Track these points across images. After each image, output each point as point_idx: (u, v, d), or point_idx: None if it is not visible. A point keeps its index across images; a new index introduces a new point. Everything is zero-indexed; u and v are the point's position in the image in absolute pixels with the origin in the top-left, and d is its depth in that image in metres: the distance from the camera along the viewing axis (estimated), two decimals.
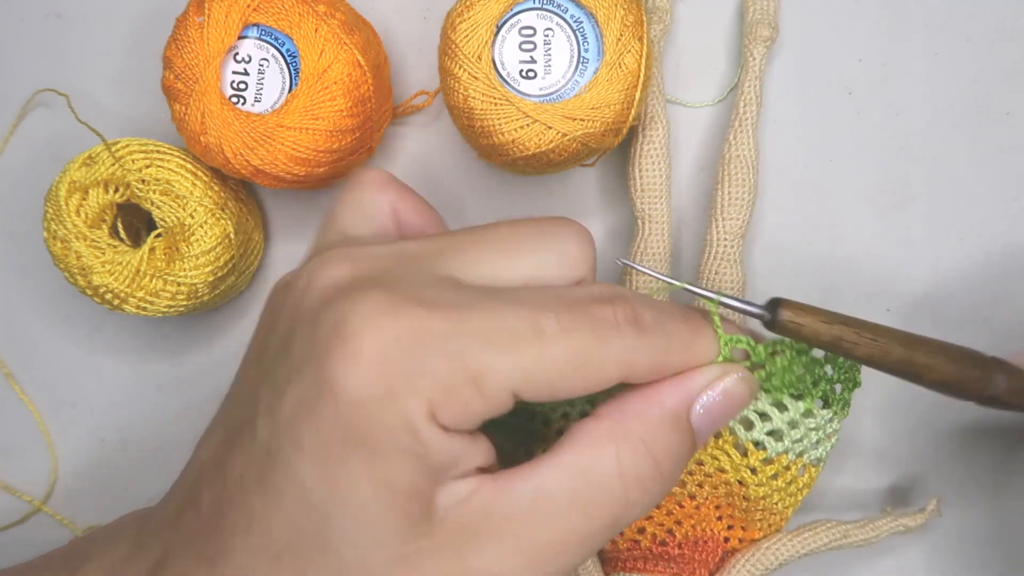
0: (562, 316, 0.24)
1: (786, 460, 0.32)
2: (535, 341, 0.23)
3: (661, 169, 0.37)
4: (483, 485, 0.24)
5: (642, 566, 0.33)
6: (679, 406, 0.26)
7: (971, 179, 0.40)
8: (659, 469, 0.25)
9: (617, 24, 0.33)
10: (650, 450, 0.25)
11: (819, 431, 0.32)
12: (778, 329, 0.28)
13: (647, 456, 0.25)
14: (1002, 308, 0.40)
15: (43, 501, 0.41)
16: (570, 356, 0.24)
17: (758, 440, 0.31)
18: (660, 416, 0.26)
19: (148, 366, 0.41)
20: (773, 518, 0.34)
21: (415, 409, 0.22)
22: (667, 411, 0.26)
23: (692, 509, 0.33)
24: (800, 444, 0.32)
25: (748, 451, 0.32)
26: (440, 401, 0.23)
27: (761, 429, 0.31)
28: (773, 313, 0.28)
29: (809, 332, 0.28)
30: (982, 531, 0.40)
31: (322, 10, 0.34)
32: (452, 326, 0.23)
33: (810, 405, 0.31)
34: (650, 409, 0.26)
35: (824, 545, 0.34)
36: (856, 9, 0.40)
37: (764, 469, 0.32)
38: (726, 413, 0.27)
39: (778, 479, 0.32)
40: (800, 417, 0.31)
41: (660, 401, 0.26)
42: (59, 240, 0.35)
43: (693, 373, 0.26)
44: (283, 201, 0.41)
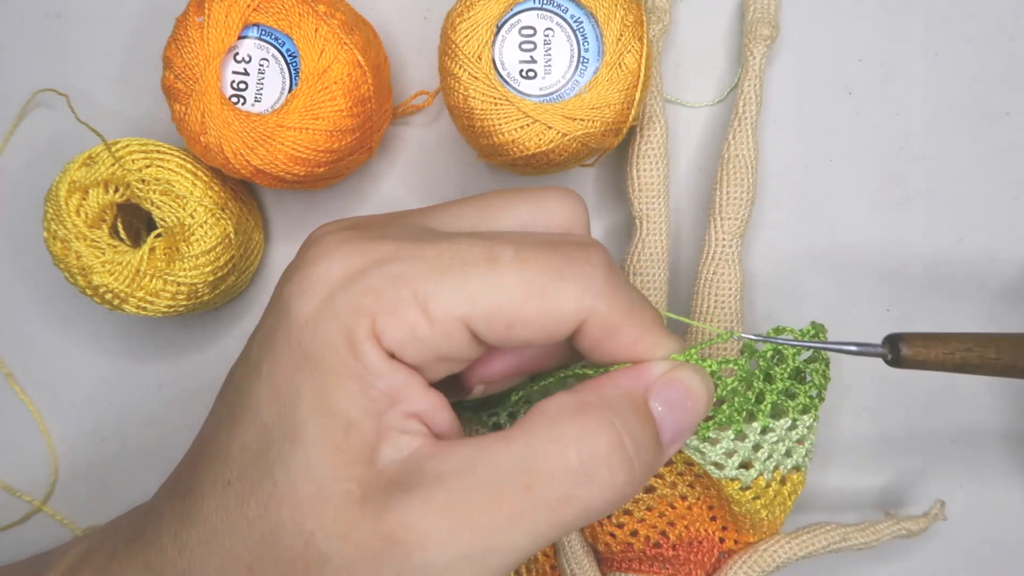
0: (521, 247, 0.23)
1: (763, 481, 0.31)
2: (487, 266, 0.23)
3: (659, 169, 0.37)
4: (425, 442, 0.23)
5: (638, 567, 0.33)
6: (635, 389, 0.24)
7: (971, 179, 0.40)
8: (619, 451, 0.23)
9: (617, 24, 0.33)
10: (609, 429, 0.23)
11: (784, 442, 0.31)
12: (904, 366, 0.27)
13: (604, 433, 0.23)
14: (1002, 308, 0.40)
15: (43, 501, 0.41)
16: (524, 284, 0.23)
17: (732, 476, 0.30)
18: (617, 395, 0.24)
19: (148, 366, 0.41)
20: (765, 524, 0.33)
21: (357, 325, 0.22)
22: (624, 391, 0.24)
23: (684, 510, 0.33)
24: (771, 460, 0.31)
25: (724, 485, 0.31)
26: (384, 321, 0.22)
27: (732, 465, 0.30)
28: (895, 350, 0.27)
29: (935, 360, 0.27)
30: (982, 531, 0.40)
31: (322, 10, 0.34)
32: (403, 252, 0.23)
33: (764, 421, 0.30)
34: (606, 388, 0.24)
35: (823, 548, 0.34)
36: (856, 9, 0.40)
37: (744, 495, 0.31)
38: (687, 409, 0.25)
39: (760, 499, 0.32)
40: (759, 437, 0.30)
41: (616, 383, 0.24)
42: (59, 240, 0.35)
43: (647, 364, 0.25)
44: (283, 201, 0.41)
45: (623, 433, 0.23)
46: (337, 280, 0.23)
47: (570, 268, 0.23)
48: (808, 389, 0.30)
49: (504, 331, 0.23)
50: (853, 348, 0.27)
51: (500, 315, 0.23)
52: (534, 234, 0.25)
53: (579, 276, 0.23)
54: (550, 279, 0.23)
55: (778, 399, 0.30)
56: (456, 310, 0.23)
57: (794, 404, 0.30)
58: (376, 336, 0.22)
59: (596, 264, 0.24)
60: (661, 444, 0.25)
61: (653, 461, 0.24)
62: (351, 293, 0.23)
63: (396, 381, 0.23)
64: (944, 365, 0.27)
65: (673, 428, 0.25)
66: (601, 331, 0.24)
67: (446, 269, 0.23)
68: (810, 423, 0.31)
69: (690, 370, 0.25)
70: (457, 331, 0.23)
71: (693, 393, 0.25)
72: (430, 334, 0.23)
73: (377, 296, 0.23)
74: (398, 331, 0.23)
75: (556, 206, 0.26)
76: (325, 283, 0.23)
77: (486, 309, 0.23)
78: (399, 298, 0.22)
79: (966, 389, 0.40)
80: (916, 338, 0.27)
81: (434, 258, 0.23)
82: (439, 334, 0.23)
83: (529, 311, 0.23)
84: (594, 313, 0.23)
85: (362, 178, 0.41)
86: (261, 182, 0.35)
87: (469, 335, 0.23)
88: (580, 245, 0.24)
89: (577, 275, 0.23)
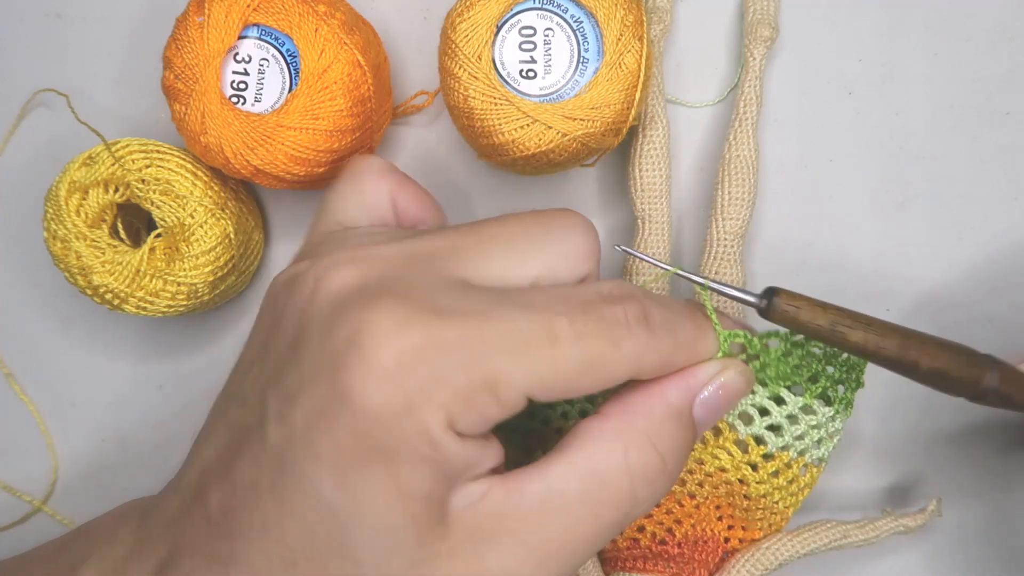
0: (575, 319, 0.24)
1: (787, 458, 0.32)
2: (549, 346, 0.24)
3: (661, 169, 0.37)
4: (494, 486, 0.24)
5: (642, 565, 0.33)
6: (682, 402, 0.27)
7: (971, 179, 0.40)
8: (664, 465, 0.26)
9: (617, 24, 0.33)
10: (656, 447, 0.26)
11: (820, 429, 0.32)
12: (773, 316, 0.28)
13: (654, 453, 0.25)
14: (1002, 308, 0.40)
15: (43, 501, 0.41)
16: (584, 359, 0.24)
17: (758, 435, 0.31)
18: (665, 413, 0.26)
19: (148, 366, 0.41)
20: (774, 518, 0.34)
21: (434, 420, 0.23)
22: (672, 407, 0.26)
23: (692, 508, 0.33)
24: (801, 442, 0.32)
25: (749, 447, 0.32)
26: (458, 411, 0.23)
27: (760, 424, 0.31)
28: (769, 301, 0.28)
29: (805, 318, 0.28)
30: (982, 531, 0.40)
31: (322, 10, 0.34)
32: (467, 334, 0.23)
33: (809, 401, 0.31)
34: (655, 407, 0.26)
35: (824, 545, 0.34)
36: (856, 9, 0.40)
37: (765, 466, 0.32)
38: (724, 406, 0.28)
39: (779, 477, 0.32)
40: (799, 412, 0.31)
41: (664, 398, 0.26)
42: (59, 240, 0.35)
43: (695, 369, 0.27)
44: (283, 201, 0.41)
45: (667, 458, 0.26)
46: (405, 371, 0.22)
47: (619, 334, 0.25)
48: (853, 386, 0.31)
49: (560, 395, 0.24)
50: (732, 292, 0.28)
51: (560, 386, 0.24)
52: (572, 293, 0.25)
53: (627, 341, 0.25)
54: (604, 351, 0.24)
55: (829, 385, 0.31)
56: (523, 389, 0.23)
57: (840, 397, 0.31)
58: (450, 425, 0.23)
59: (634, 321, 0.25)
60: (696, 440, 0.28)
61: (687, 456, 0.27)
62: (424, 388, 0.22)
63: (469, 455, 0.24)
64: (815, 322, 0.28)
65: (709, 422, 0.28)
66: (655, 373, 0.26)
67: (510, 351, 0.23)
68: (840, 424, 0.32)
69: (733, 372, 0.28)
70: (520, 403, 0.24)
71: (733, 392, 0.28)
72: (498, 413, 0.24)
73: (451, 389, 0.23)
74: (472, 419, 0.23)
75: (579, 243, 0.27)
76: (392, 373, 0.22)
77: (549, 383, 0.24)
78: (472, 388, 0.23)
79: None
80: (791, 293, 0.28)
81: (498, 340, 0.23)
82: (506, 410, 0.24)
83: (586, 382, 0.24)
84: (643, 366, 0.25)
85: None
86: (261, 182, 0.35)
87: (527, 401, 0.24)
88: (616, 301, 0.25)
89: (626, 341, 0.25)
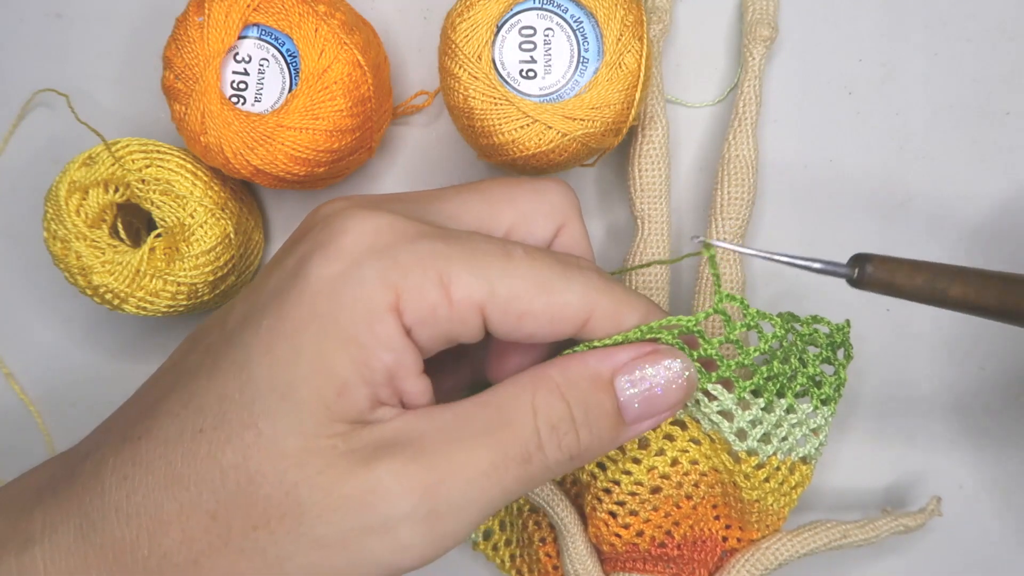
0: (530, 250, 0.25)
1: (776, 461, 0.32)
2: (503, 258, 0.25)
3: (661, 169, 0.37)
4: (407, 412, 0.25)
5: (641, 566, 0.33)
6: (601, 367, 0.27)
7: (971, 179, 0.40)
8: (570, 413, 0.26)
9: (617, 24, 0.33)
10: (564, 395, 0.26)
11: (801, 426, 0.32)
12: (867, 285, 0.27)
13: (561, 399, 0.26)
14: None
15: None
16: (535, 277, 0.25)
17: (751, 448, 0.31)
18: (581, 371, 0.26)
19: (148, 366, 0.40)
20: (770, 518, 0.34)
21: (380, 295, 0.23)
22: (589, 369, 0.27)
23: (689, 509, 0.33)
24: (786, 442, 0.32)
25: (741, 459, 0.31)
26: (407, 295, 0.23)
27: (754, 436, 0.31)
28: (861, 269, 0.27)
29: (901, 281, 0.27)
30: (982, 531, 0.40)
31: (322, 10, 0.34)
32: (429, 237, 0.24)
33: (791, 400, 0.31)
34: (572, 364, 0.27)
35: (824, 545, 0.34)
36: (856, 9, 0.40)
37: (757, 475, 0.32)
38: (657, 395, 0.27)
39: (770, 481, 0.32)
40: (783, 414, 0.31)
41: (583, 360, 0.27)
42: (59, 240, 0.35)
43: (623, 345, 0.27)
44: (283, 201, 0.41)
45: (574, 407, 0.26)
46: (365, 251, 0.24)
47: (571, 270, 0.26)
48: (833, 381, 0.31)
49: (515, 321, 0.25)
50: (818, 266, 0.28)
51: (513, 305, 0.25)
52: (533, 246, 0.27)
53: (580, 277, 0.26)
54: (557, 276, 0.25)
55: (807, 382, 0.31)
56: (475, 295, 0.24)
57: (818, 392, 0.31)
58: (399, 310, 0.23)
59: (590, 268, 0.26)
60: (623, 420, 0.27)
61: (609, 435, 0.27)
62: (379, 265, 0.23)
63: (400, 359, 0.24)
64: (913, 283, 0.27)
65: (641, 408, 0.27)
66: (606, 322, 0.26)
67: (468, 256, 0.24)
68: (828, 416, 0.32)
69: (666, 355, 0.27)
70: (472, 316, 0.24)
71: (665, 377, 0.27)
72: (448, 316, 0.24)
73: (404, 272, 0.24)
74: (420, 308, 0.24)
75: (553, 197, 0.28)
76: (351, 252, 0.24)
77: (503, 297, 0.24)
78: (425, 277, 0.24)
79: (967, 389, 0.40)
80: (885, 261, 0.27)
81: (456, 247, 0.24)
82: (455, 317, 0.24)
83: (539, 304, 0.25)
84: (598, 306, 0.26)
85: (362, 178, 0.41)
86: (261, 182, 0.35)
87: (480, 322, 0.25)
88: (573, 256, 0.27)
89: (578, 276, 0.26)
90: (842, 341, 0.31)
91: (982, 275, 0.28)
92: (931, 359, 0.40)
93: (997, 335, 0.40)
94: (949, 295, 0.28)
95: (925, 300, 0.28)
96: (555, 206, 0.28)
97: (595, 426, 0.26)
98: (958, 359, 0.40)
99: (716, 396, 0.30)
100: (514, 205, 0.28)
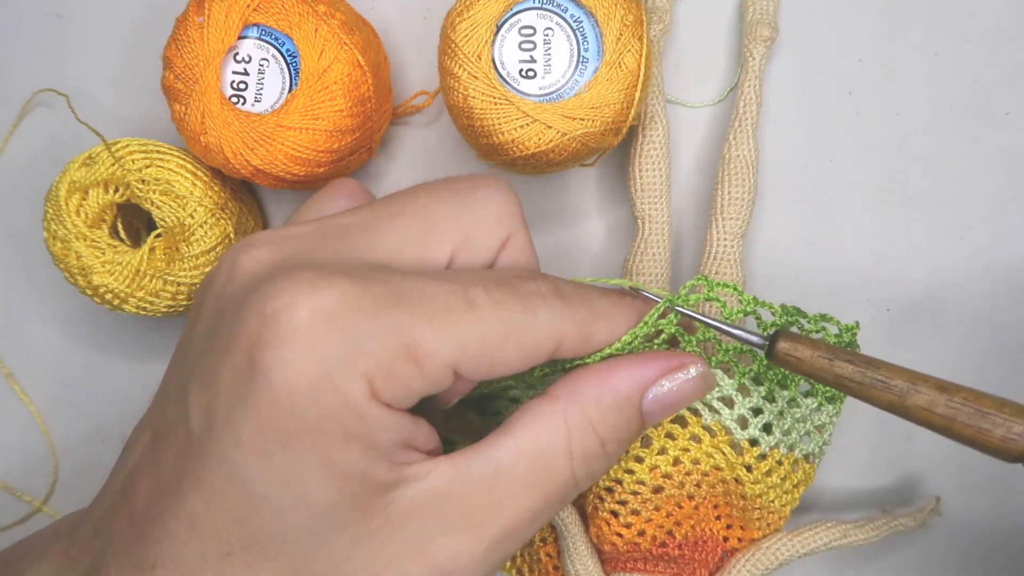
0: (490, 289, 0.24)
1: (778, 455, 0.32)
2: (468, 312, 0.23)
3: (661, 169, 0.37)
4: (439, 465, 0.24)
5: (642, 566, 0.33)
6: (631, 391, 0.27)
7: (971, 179, 0.40)
8: (604, 450, 0.26)
9: (617, 23, 0.33)
10: (598, 432, 0.26)
11: (805, 421, 0.32)
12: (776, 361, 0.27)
13: (595, 438, 0.26)
14: (1002, 308, 0.40)
15: (43, 501, 0.41)
16: (503, 325, 0.24)
17: (753, 437, 0.31)
18: (611, 401, 0.26)
19: (148, 366, 0.41)
20: (771, 516, 0.34)
21: (356, 391, 0.22)
22: (619, 396, 0.26)
23: (691, 509, 0.33)
24: (789, 437, 0.32)
25: (743, 449, 0.32)
26: (380, 380, 0.22)
27: (756, 425, 0.31)
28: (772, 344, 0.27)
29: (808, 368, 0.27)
30: (982, 531, 0.40)
31: (322, 10, 0.34)
32: (384, 300, 0.22)
33: (794, 392, 0.31)
34: (602, 393, 0.26)
35: (824, 545, 0.34)
36: (856, 9, 0.40)
37: (759, 466, 0.32)
38: (678, 404, 0.27)
39: (772, 475, 0.32)
40: (786, 406, 0.31)
41: (612, 385, 0.26)
42: (59, 240, 0.35)
43: (647, 360, 0.27)
44: (283, 201, 0.41)
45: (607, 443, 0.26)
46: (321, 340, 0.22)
47: (534, 302, 0.25)
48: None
49: (487, 370, 0.24)
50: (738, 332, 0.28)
51: (484, 355, 0.24)
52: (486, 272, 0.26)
53: (543, 308, 0.25)
54: (521, 316, 0.24)
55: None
56: (446, 359, 0.23)
57: (824, 389, 0.31)
58: (375, 396, 0.22)
59: (547, 292, 0.25)
60: (643, 431, 0.28)
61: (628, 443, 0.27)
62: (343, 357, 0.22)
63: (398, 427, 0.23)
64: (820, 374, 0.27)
65: (662, 415, 0.27)
66: (577, 344, 0.26)
67: (430, 318, 0.23)
68: (833, 414, 0.32)
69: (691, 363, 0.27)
70: (444, 375, 0.23)
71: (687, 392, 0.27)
72: (422, 384, 0.23)
73: (371, 358, 0.22)
74: (396, 390, 0.23)
75: (494, 208, 0.27)
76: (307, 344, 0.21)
77: (472, 352, 0.23)
78: (394, 358, 0.22)
79: None
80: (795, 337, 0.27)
81: (417, 308, 0.23)
82: (430, 380, 0.23)
83: (509, 350, 0.24)
84: (567, 334, 0.25)
85: (362, 178, 0.41)
86: (261, 182, 0.35)
87: (453, 376, 0.24)
88: (527, 278, 0.26)
89: (542, 308, 0.25)
90: (850, 341, 0.31)
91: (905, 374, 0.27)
92: (931, 359, 0.40)
93: (997, 335, 0.40)
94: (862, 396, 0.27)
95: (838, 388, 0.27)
96: (498, 218, 0.26)
97: (623, 447, 0.27)
98: (958, 358, 0.40)
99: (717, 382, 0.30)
100: (455, 224, 0.26)
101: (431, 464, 0.24)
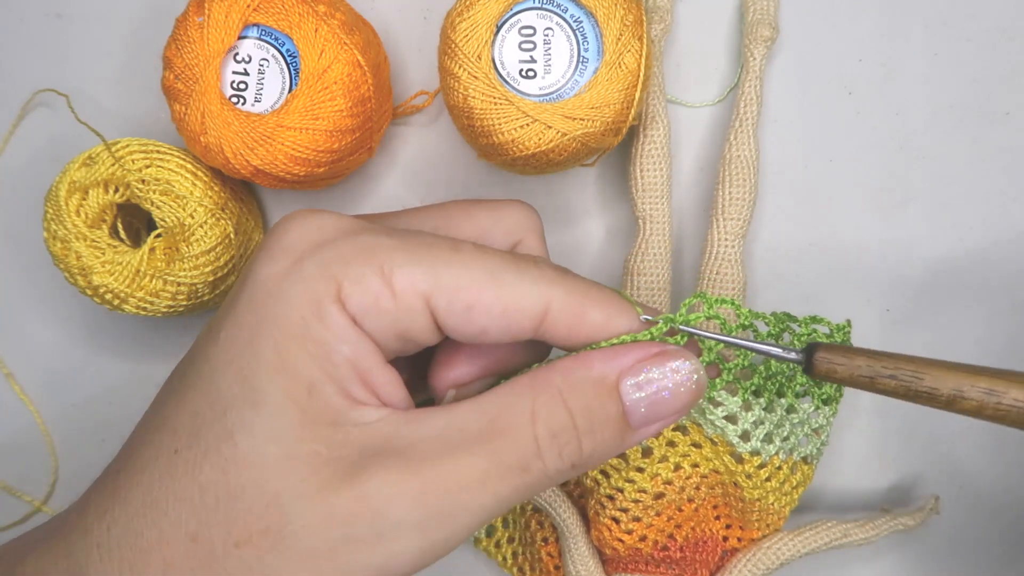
0: (480, 245, 0.25)
1: (778, 461, 0.32)
2: (451, 252, 0.24)
3: (662, 169, 0.37)
4: (393, 414, 0.24)
5: (644, 568, 0.33)
6: (606, 372, 0.25)
7: (971, 179, 0.40)
8: (573, 422, 0.25)
9: (617, 23, 0.33)
10: (566, 402, 0.25)
11: (803, 426, 0.32)
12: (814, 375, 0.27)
13: (562, 407, 0.24)
14: (1002, 307, 0.40)
15: (43, 501, 0.41)
16: (484, 271, 0.24)
17: (755, 448, 0.31)
18: (585, 376, 0.25)
19: (148, 366, 0.41)
20: (771, 517, 0.34)
21: (322, 287, 0.23)
22: (593, 373, 0.25)
23: (691, 512, 0.33)
24: (788, 442, 0.32)
25: (744, 460, 0.31)
26: (349, 287, 0.23)
27: (757, 436, 0.31)
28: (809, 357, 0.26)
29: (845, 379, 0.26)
30: (981, 530, 0.40)
31: (322, 10, 0.34)
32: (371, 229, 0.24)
33: (791, 400, 0.31)
34: (575, 368, 0.25)
35: (824, 544, 0.34)
36: (856, 9, 0.40)
37: (759, 474, 0.32)
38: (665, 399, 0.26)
39: (772, 480, 0.32)
40: (785, 414, 0.31)
41: (587, 363, 0.25)
42: (59, 240, 0.35)
43: (628, 346, 0.26)
44: (283, 201, 0.41)
45: (576, 415, 0.25)
46: (307, 247, 0.24)
47: (524, 264, 0.25)
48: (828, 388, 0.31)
49: (464, 313, 0.24)
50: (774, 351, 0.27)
51: (461, 295, 0.24)
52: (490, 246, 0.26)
53: (533, 270, 0.25)
54: (507, 269, 0.24)
55: (807, 382, 0.31)
56: (419, 285, 0.23)
57: (819, 392, 0.31)
58: (341, 300, 0.23)
59: (545, 264, 0.25)
60: (628, 426, 0.25)
61: (614, 441, 0.25)
62: (319, 259, 0.23)
63: (359, 350, 0.23)
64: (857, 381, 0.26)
65: (647, 413, 0.25)
66: (567, 316, 0.25)
67: (412, 248, 0.24)
68: (829, 415, 0.32)
69: (674, 356, 0.26)
70: (418, 307, 0.24)
71: (672, 380, 0.26)
72: (392, 306, 0.23)
73: (344, 263, 0.23)
74: (362, 298, 0.23)
75: (512, 213, 0.28)
76: (294, 249, 0.24)
77: (448, 287, 0.24)
78: (366, 267, 0.23)
79: None
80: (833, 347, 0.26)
81: (400, 238, 0.24)
82: (401, 307, 0.24)
83: (489, 295, 0.24)
84: (554, 299, 0.25)
85: (362, 178, 0.41)
86: (261, 182, 0.35)
87: (429, 315, 0.24)
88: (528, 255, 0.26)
89: (531, 269, 0.25)
90: (843, 341, 0.31)
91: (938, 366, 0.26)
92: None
93: (997, 335, 0.40)
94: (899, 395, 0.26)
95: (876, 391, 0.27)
96: (516, 224, 0.28)
97: (599, 433, 0.25)
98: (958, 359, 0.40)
99: (722, 402, 0.30)
100: (472, 221, 0.27)
101: (383, 411, 0.24)
